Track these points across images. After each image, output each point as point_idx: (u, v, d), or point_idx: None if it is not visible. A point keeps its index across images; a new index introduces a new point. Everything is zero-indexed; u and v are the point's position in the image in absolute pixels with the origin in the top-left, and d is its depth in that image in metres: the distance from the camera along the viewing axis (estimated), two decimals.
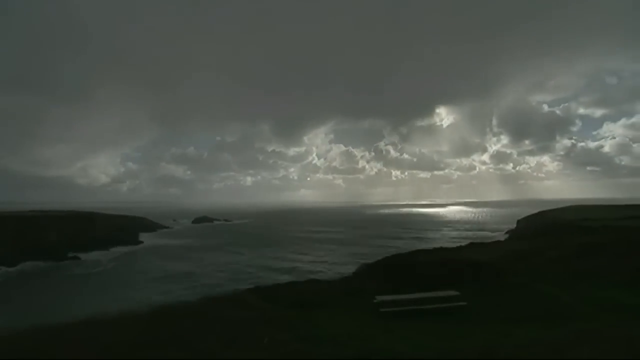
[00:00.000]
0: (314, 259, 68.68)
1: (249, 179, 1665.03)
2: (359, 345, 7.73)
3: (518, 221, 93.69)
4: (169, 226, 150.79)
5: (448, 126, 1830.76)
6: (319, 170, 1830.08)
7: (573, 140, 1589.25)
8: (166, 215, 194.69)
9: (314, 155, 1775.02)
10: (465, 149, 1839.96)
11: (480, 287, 14.44)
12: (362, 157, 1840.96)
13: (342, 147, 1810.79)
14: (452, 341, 8.19)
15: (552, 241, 28.36)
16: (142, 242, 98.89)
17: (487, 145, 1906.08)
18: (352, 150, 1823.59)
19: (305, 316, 10.84)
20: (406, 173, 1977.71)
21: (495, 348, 7.10)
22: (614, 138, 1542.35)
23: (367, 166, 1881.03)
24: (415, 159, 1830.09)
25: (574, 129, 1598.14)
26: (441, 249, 35.75)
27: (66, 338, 7.64)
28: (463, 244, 42.72)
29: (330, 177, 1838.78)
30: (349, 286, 16.58)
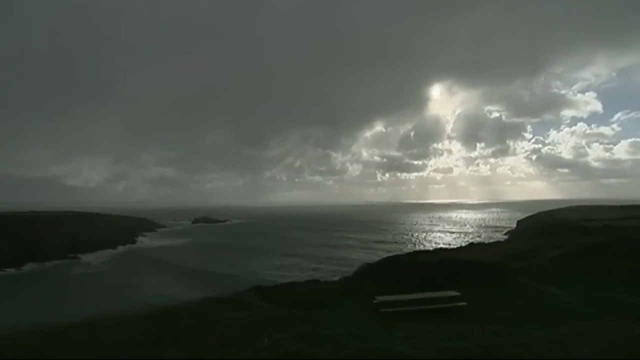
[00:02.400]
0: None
1: (239, 180, 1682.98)
2: (359, 345, 7.73)
3: (518, 221, 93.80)
4: (169, 226, 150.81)
5: (404, 132, 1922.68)
6: (304, 170, 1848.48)
7: (539, 145, 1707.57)
8: (165, 216, 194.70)
9: (292, 157, 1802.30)
10: (426, 153, 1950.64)
11: (480, 287, 14.44)
12: (335, 158, 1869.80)
13: (320, 150, 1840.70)
14: (452, 341, 8.18)
15: (552, 241, 28.38)
16: (143, 242, 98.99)
17: (451, 150, 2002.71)
18: (331, 152, 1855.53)
19: (305, 316, 10.83)
20: (386, 175, 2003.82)
21: (495, 348, 7.08)
22: (563, 143, 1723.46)
23: (350, 167, 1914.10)
24: (385, 160, 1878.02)
25: (527, 134, 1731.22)
26: (441, 249, 35.93)
27: (66, 338, 7.65)
28: (463, 244, 42.91)
29: (319, 178, 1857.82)
30: (349, 286, 16.58)
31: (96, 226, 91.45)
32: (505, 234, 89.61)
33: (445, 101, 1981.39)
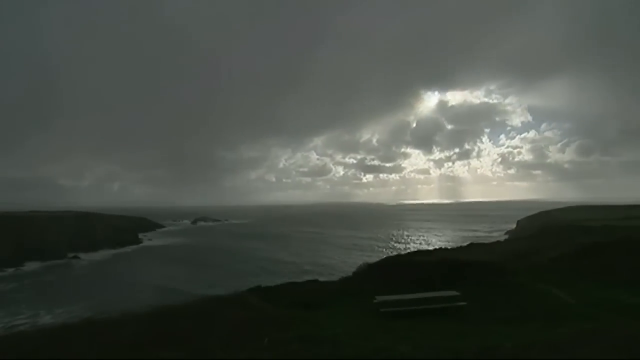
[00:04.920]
0: None
1: (230, 181, 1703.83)
2: (359, 345, 7.72)
3: (518, 221, 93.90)
4: (169, 226, 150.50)
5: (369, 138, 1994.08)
6: (291, 172, 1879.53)
7: (510, 149, 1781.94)
8: (163, 216, 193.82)
9: (273, 159, 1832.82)
10: (394, 156, 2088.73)
11: (480, 287, 14.43)
12: (312, 160, 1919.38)
13: (299, 154, 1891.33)
14: (452, 341, 8.18)
15: (552, 241, 28.40)
16: (143, 241, 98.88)
17: (413, 153, 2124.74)
18: (310, 155, 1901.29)
19: (305, 316, 10.84)
20: (368, 176, 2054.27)
21: (495, 348, 7.08)
22: (522, 147, 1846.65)
23: (334, 169, 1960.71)
24: (355, 161, 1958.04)
25: (485, 138, 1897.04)
26: (441, 249, 35.94)
27: (66, 338, 7.65)
28: (463, 244, 42.89)
29: (307, 179, 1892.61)
30: (349, 286, 16.57)
31: (96, 226, 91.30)
32: (505, 234, 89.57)
33: (405, 109, 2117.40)
